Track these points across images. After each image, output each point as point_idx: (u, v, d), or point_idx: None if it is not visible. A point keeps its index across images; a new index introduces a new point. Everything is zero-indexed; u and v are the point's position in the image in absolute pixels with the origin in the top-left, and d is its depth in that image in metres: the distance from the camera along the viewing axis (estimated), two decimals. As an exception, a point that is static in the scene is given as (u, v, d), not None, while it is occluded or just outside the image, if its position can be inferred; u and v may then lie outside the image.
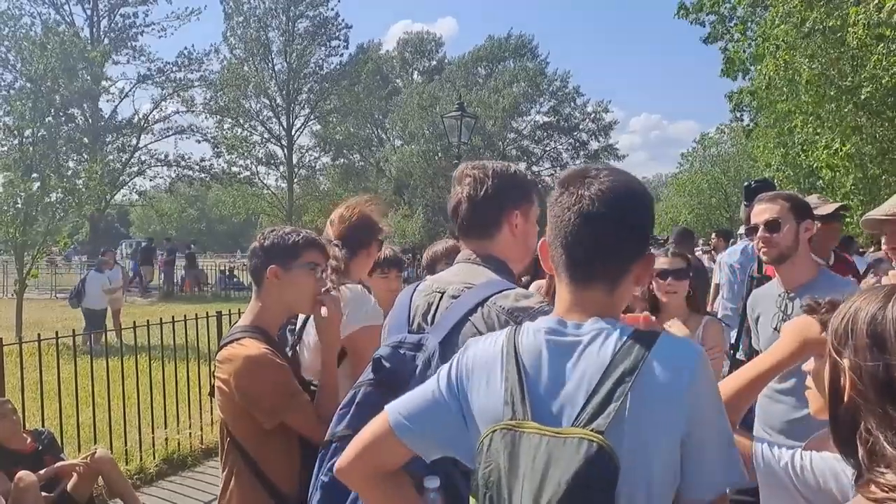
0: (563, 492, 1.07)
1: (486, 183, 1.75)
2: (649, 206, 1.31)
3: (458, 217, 1.80)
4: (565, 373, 1.20)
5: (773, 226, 2.57)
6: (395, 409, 1.34)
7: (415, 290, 1.83)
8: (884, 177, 11.68)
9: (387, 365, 1.61)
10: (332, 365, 2.16)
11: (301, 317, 2.38)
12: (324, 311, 2.14)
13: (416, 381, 1.53)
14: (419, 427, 1.31)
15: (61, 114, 22.80)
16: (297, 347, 2.35)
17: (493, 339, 1.31)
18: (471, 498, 1.20)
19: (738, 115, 16.88)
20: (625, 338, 1.19)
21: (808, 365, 1.49)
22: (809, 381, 1.48)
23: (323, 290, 2.17)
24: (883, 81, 10.20)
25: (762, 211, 2.62)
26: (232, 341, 2.09)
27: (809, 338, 1.47)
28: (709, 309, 4.36)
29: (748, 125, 16.95)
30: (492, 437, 1.17)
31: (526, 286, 2.43)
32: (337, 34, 35.89)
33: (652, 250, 1.34)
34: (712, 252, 9.30)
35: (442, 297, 1.71)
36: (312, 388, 2.17)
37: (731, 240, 8.43)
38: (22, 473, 4.16)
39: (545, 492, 1.08)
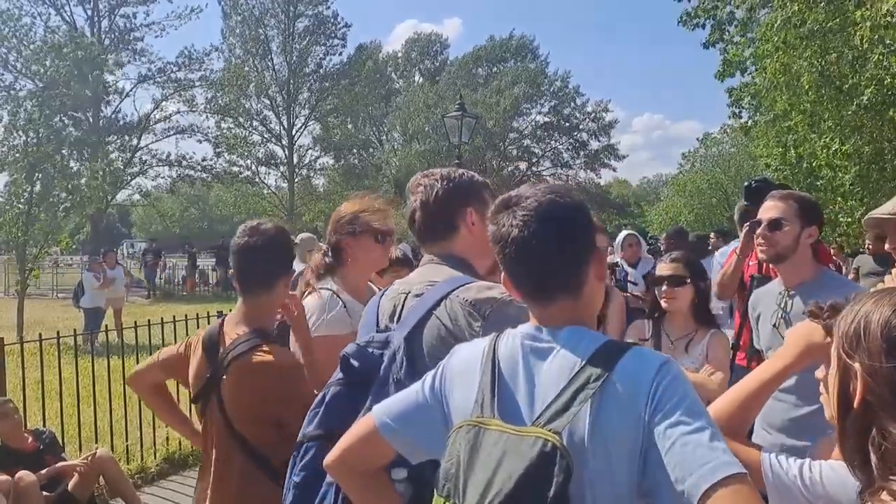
0: (511, 486, 1.09)
1: (435, 187, 1.80)
2: (580, 212, 1.31)
3: (414, 225, 1.83)
4: (537, 376, 1.24)
5: (774, 224, 2.54)
6: (381, 409, 1.38)
7: (383, 294, 1.86)
8: (880, 177, 11.70)
9: (355, 364, 1.62)
10: (316, 361, 2.20)
11: None
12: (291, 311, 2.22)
13: (380, 377, 1.57)
14: (403, 428, 1.35)
15: (69, 116, 22.83)
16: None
17: (477, 345, 1.35)
18: (434, 494, 1.22)
19: (738, 111, 16.87)
20: (597, 346, 1.22)
21: (821, 372, 1.49)
22: (822, 388, 1.48)
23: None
24: (885, 83, 10.19)
25: (769, 208, 2.59)
26: (250, 349, 2.05)
27: (814, 343, 1.46)
28: None
29: (747, 122, 16.95)
30: (457, 433, 1.21)
31: None
32: (336, 33, 35.91)
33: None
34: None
35: (406, 297, 1.74)
36: None
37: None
38: (22, 473, 4.17)
39: (494, 485, 1.10)
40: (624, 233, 6.03)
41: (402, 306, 1.72)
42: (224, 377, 2.07)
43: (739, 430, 1.49)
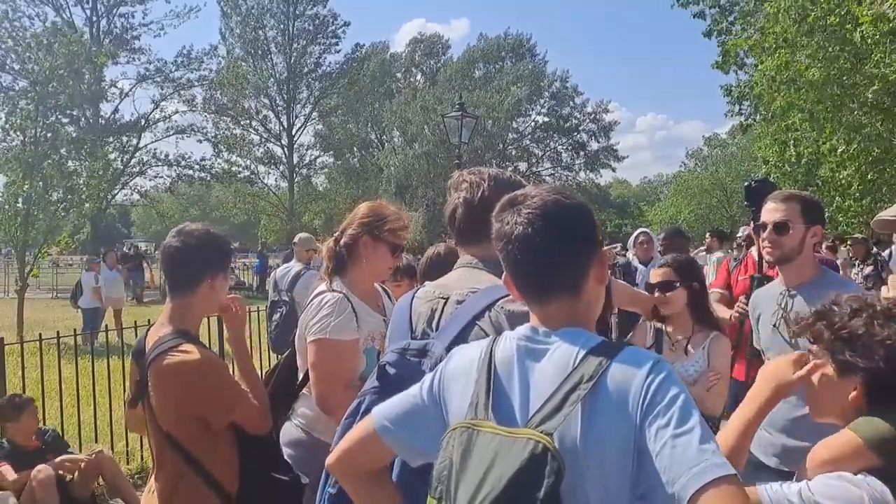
0: (501, 487, 1.09)
1: (482, 186, 1.76)
2: (584, 213, 1.32)
3: (455, 221, 1.80)
4: (531, 377, 1.23)
5: (781, 227, 2.53)
6: (380, 413, 1.38)
7: (413, 296, 1.81)
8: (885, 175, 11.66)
9: (391, 371, 1.59)
10: (247, 354, 2.29)
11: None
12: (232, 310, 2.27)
13: None
14: (402, 432, 1.35)
15: (65, 114, 22.77)
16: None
17: (475, 348, 1.35)
18: (428, 497, 1.22)
19: (739, 109, 16.90)
20: (590, 346, 1.22)
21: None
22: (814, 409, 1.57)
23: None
24: (890, 79, 10.14)
25: (773, 210, 2.57)
26: (168, 350, 2.03)
27: (782, 383, 1.54)
28: None
29: (747, 120, 16.97)
30: (451, 435, 1.21)
31: None
32: (335, 32, 35.91)
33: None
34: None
35: (446, 302, 1.70)
36: None
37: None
38: (41, 467, 4.26)
39: (485, 486, 1.10)
40: (638, 230, 6.18)
41: (441, 312, 1.68)
42: (149, 380, 2.08)
43: (736, 467, 1.56)
